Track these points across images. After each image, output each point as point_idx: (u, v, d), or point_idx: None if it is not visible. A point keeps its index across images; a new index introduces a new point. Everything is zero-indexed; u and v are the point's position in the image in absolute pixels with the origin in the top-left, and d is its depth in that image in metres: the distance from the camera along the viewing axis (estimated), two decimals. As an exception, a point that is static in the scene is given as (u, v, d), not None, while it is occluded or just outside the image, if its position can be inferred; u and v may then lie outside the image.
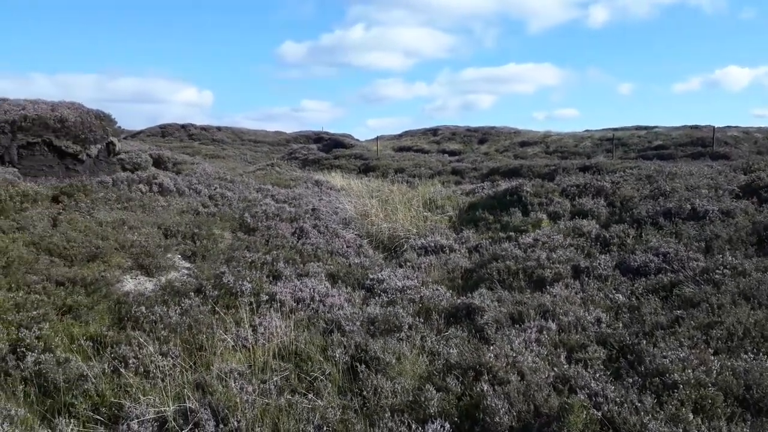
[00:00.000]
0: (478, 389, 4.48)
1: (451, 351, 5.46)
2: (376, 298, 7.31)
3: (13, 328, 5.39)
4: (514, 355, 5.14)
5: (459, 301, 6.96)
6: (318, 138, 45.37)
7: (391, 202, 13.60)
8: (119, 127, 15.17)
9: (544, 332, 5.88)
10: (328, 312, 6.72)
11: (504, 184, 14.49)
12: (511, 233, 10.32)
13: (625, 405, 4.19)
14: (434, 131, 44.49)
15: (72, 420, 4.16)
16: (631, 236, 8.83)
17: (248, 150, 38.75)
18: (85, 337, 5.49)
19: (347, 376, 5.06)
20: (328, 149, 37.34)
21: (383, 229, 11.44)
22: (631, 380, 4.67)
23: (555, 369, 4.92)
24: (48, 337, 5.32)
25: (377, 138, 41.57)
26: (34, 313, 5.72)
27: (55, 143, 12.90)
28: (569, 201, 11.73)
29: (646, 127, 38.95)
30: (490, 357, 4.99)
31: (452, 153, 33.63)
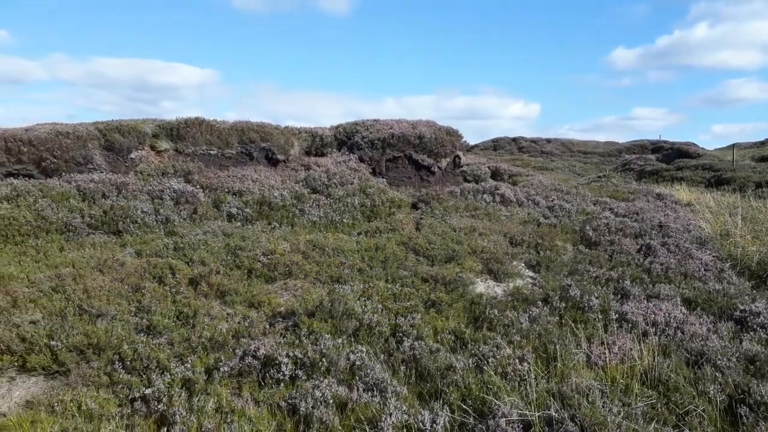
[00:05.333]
0: None
1: None
2: (751, 333, 6.26)
3: (392, 315, 6.29)
4: None
5: None
6: (656, 147, 41.67)
7: (761, 221, 11.49)
8: (465, 142, 16.51)
9: None
10: (689, 341, 6.02)
11: None
12: None
13: None
14: (813, 136, 36.14)
15: (444, 406, 4.59)
16: None
17: (577, 161, 37.94)
18: (446, 331, 6.05)
19: (725, 416, 4.41)
20: (668, 159, 33.96)
21: (750, 253, 9.73)
22: None
23: None
24: (419, 326, 6.02)
25: (733, 146, 35.91)
26: (407, 304, 6.57)
27: (414, 157, 14.77)
28: None
29: None
30: None
31: (842, 163, 26.75)
